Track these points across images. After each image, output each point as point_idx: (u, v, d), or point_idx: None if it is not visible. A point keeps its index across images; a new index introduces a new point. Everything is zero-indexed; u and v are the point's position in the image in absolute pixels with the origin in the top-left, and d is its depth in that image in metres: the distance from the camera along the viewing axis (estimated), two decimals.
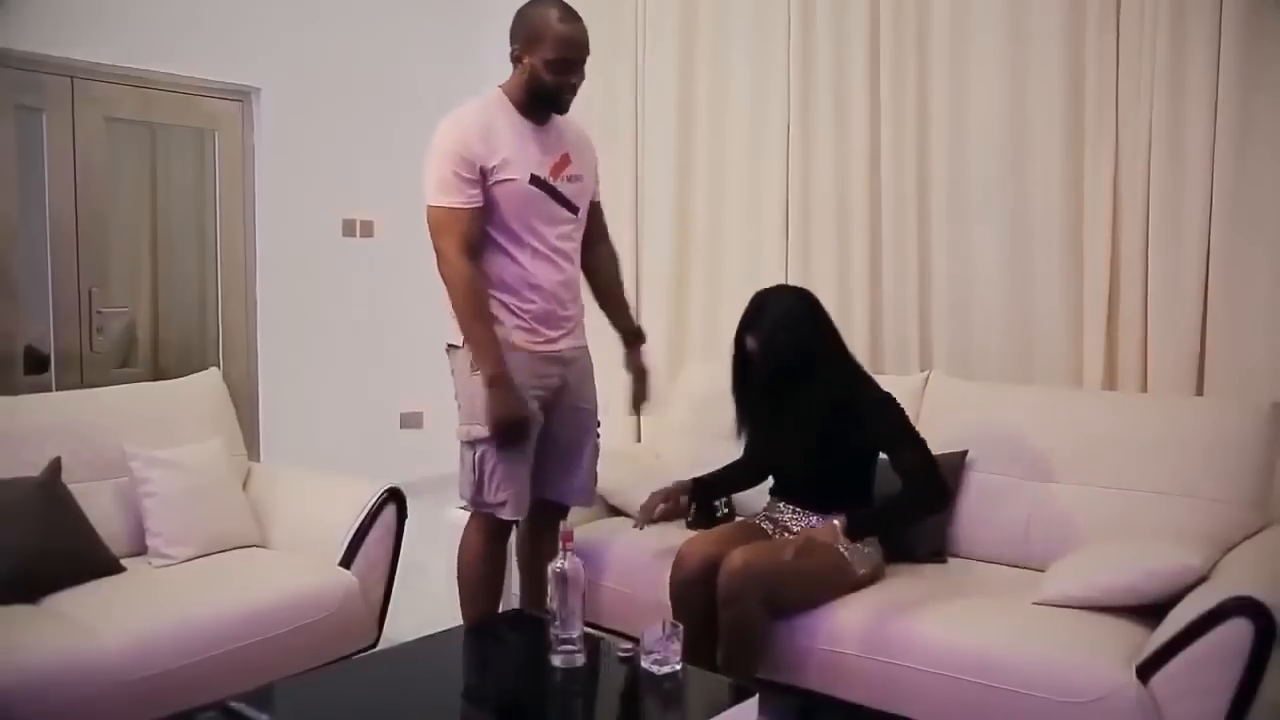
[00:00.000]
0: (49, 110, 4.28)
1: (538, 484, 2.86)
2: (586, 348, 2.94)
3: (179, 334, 4.88)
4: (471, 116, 2.66)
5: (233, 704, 2.05)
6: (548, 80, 2.63)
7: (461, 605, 2.87)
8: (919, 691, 2.44)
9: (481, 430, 2.69)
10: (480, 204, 2.64)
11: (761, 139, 4.23)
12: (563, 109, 2.73)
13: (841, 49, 4.00)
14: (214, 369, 3.55)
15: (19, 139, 4.20)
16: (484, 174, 2.63)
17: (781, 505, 2.87)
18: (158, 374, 4.62)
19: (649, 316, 4.44)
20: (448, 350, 2.81)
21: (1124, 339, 3.41)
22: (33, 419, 2.93)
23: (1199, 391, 3.26)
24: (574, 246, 2.84)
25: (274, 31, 4.89)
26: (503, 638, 2.57)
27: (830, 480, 2.77)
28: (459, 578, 2.87)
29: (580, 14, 2.68)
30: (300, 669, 2.57)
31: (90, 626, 2.43)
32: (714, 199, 4.42)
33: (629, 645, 2.22)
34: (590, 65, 2.71)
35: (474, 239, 2.65)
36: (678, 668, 2.14)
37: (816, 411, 2.72)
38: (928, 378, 3.34)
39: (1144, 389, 3.36)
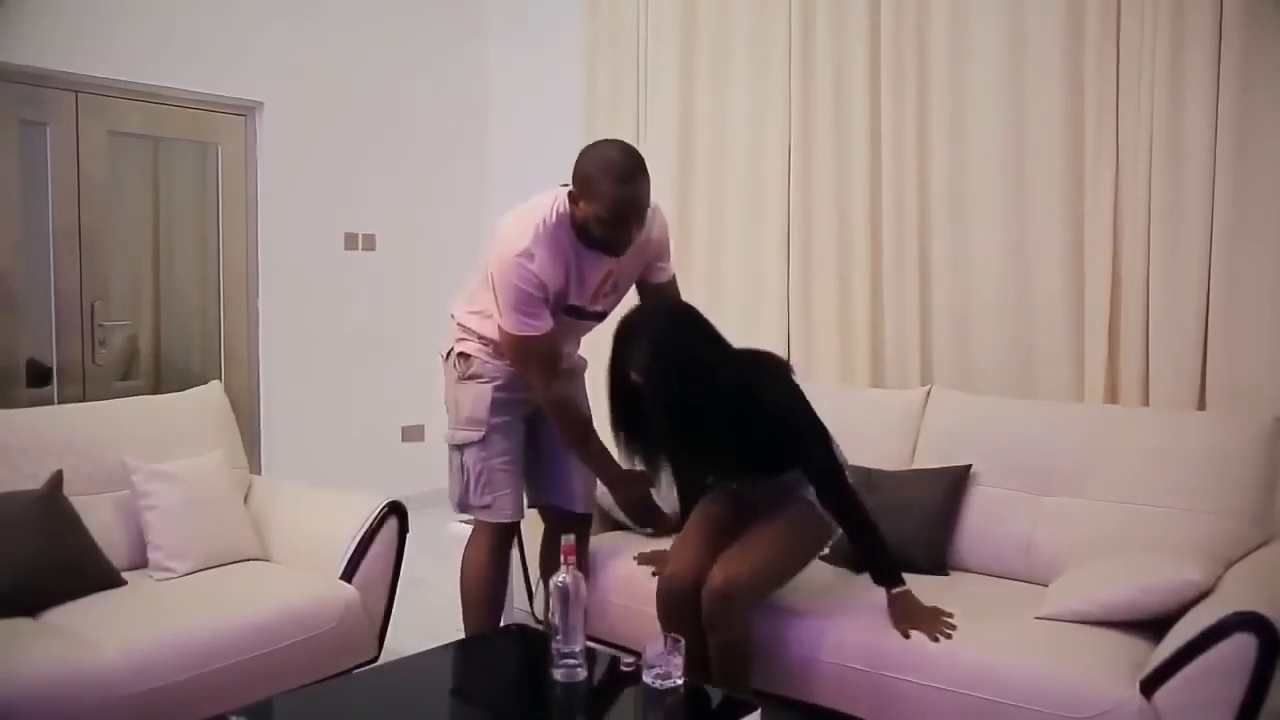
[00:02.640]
0: (52, 124, 4.29)
1: (542, 491, 2.93)
2: (578, 357, 2.95)
3: (181, 347, 4.88)
4: (542, 249, 2.57)
5: (233, 718, 2.04)
6: (599, 235, 2.56)
7: (464, 617, 2.87)
8: (921, 705, 2.43)
9: (466, 434, 2.76)
10: (552, 324, 2.63)
11: (762, 155, 4.25)
12: (620, 254, 2.64)
13: (841, 66, 4.02)
14: (215, 382, 3.55)
15: (22, 152, 4.22)
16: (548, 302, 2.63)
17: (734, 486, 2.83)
18: (159, 387, 4.62)
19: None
20: (443, 358, 2.87)
21: (1125, 353, 3.41)
22: (34, 432, 2.93)
23: (1201, 405, 3.26)
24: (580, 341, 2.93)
25: (276, 46, 4.91)
26: (504, 652, 2.56)
27: (758, 469, 2.69)
28: (461, 590, 2.88)
29: (639, 154, 2.54)
30: (301, 683, 2.57)
31: (90, 640, 2.43)
32: (714, 215, 4.43)
33: (631, 660, 2.21)
34: (592, 80, 2.70)
35: (557, 357, 2.72)
36: (680, 682, 2.13)
37: (725, 428, 2.52)
38: (929, 392, 3.34)
39: (1145, 403, 3.36)
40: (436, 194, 5.55)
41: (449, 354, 2.83)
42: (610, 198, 2.47)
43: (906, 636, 2.48)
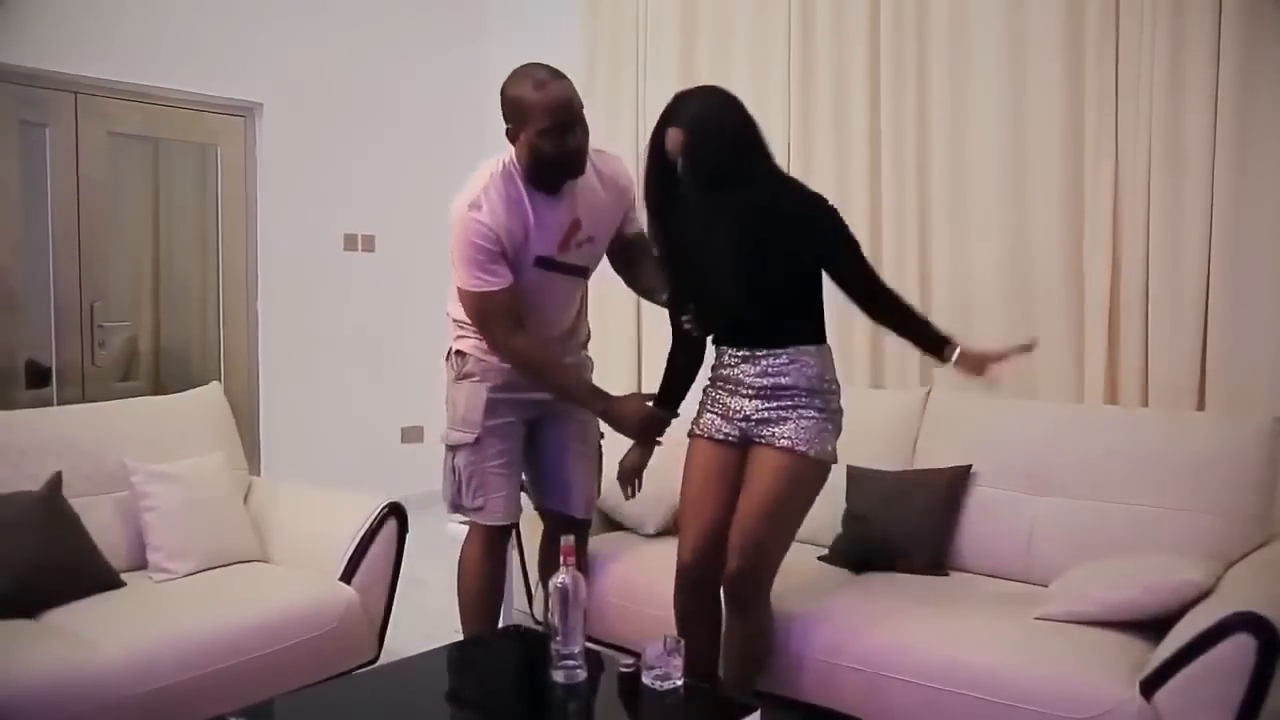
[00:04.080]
0: (52, 125, 4.30)
1: (542, 495, 2.92)
2: (583, 357, 2.93)
3: (180, 348, 4.88)
4: (491, 196, 2.57)
5: (233, 719, 2.04)
6: (549, 151, 2.53)
7: (461, 619, 2.87)
8: (920, 706, 2.43)
9: (459, 436, 2.74)
10: (510, 280, 2.58)
11: None
12: (578, 170, 2.61)
13: (841, 66, 4.02)
14: (215, 383, 3.55)
15: (22, 153, 4.22)
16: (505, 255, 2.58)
17: (728, 355, 2.58)
18: (159, 388, 4.63)
19: (646, 330, 4.45)
20: (443, 359, 2.85)
21: (1125, 353, 3.42)
22: (34, 433, 2.93)
23: (1200, 406, 3.26)
24: (573, 312, 2.85)
25: (276, 47, 4.91)
26: (504, 653, 2.56)
27: (772, 304, 2.49)
28: (458, 591, 2.87)
29: (559, 68, 2.57)
30: (300, 684, 2.57)
31: (90, 641, 2.42)
32: None
33: (630, 661, 2.21)
34: (592, 80, 2.69)
35: (517, 314, 2.61)
36: (679, 683, 2.13)
37: (749, 220, 2.42)
38: (929, 392, 3.34)
39: (1145, 403, 3.36)
40: (436, 195, 5.50)
41: (449, 353, 2.81)
42: (541, 103, 2.49)
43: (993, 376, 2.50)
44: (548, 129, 2.51)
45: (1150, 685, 2.16)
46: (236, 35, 4.77)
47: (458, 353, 2.77)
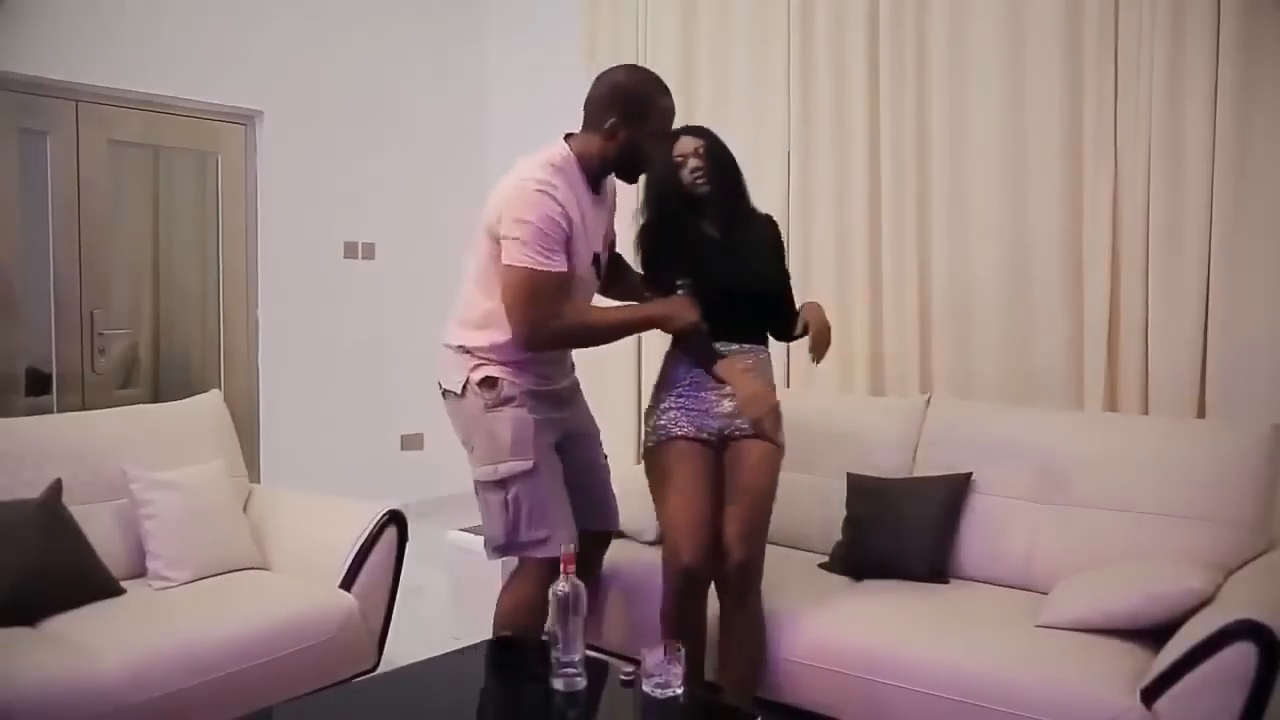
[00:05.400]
0: (52, 133, 4.30)
1: (579, 516, 2.69)
2: (576, 379, 2.88)
3: (180, 355, 4.88)
4: (559, 182, 2.51)
5: None
6: (648, 153, 2.60)
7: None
8: (921, 714, 2.43)
9: (515, 465, 2.54)
10: (566, 267, 2.51)
11: (760, 160, 4.25)
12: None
13: (841, 70, 4.03)
14: (215, 390, 3.55)
15: (22, 161, 4.22)
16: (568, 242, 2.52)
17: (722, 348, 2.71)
18: (159, 395, 4.62)
19: (646, 339, 4.44)
20: (444, 396, 2.68)
21: (1125, 361, 3.42)
22: (33, 440, 2.93)
23: (1200, 413, 3.26)
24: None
25: (276, 55, 4.92)
26: (504, 661, 2.55)
27: (770, 307, 2.84)
28: (498, 624, 2.65)
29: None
30: (300, 692, 2.56)
31: (89, 649, 2.42)
32: None
33: (631, 668, 2.20)
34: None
35: (562, 302, 2.52)
36: (679, 691, 2.12)
37: (765, 232, 2.90)
38: (929, 400, 3.34)
39: (1145, 411, 3.36)
40: (436, 202, 5.56)
41: (464, 386, 2.59)
42: (667, 109, 2.59)
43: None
44: (660, 133, 2.61)
45: (1151, 693, 2.16)
46: (237, 43, 4.78)
47: (485, 381, 2.57)
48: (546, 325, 2.49)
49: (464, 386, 2.59)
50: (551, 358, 2.68)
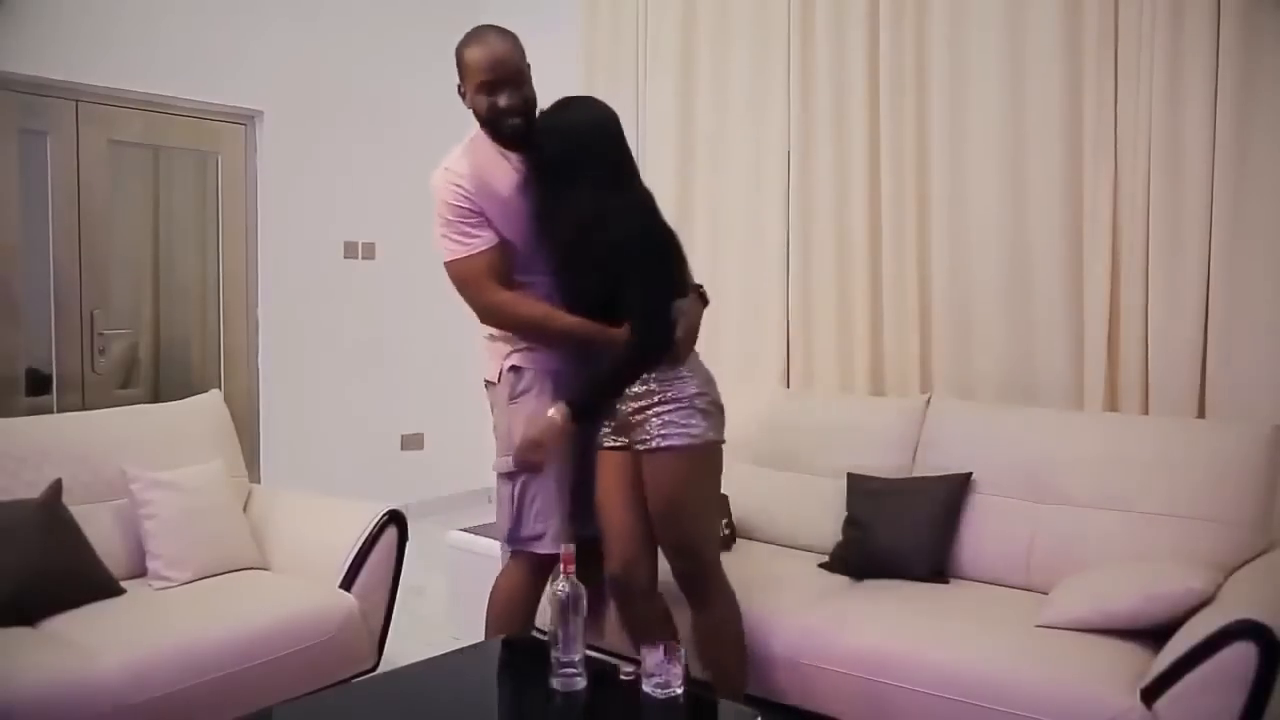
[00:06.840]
0: (52, 133, 4.30)
1: (581, 524, 2.68)
2: None
3: (180, 355, 4.88)
4: (471, 154, 2.59)
5: None
6: (482, 108, 2.57)
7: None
8: (921, 713, 2.43)
9: None
10: (494, 241, 2.53)
11: (761, 165, 4.25)
12: (502, 133, 2.58)
13: (841, 76, 4.02)
14: (215, 391, 3.56)
15: (22, 162, 4.22)
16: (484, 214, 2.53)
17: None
18: (159, 395, 4.62)
19: None
20: (486, 387, 2.70)
21: (1125, 360, 3.41)
22: (33, 440, 2.93)
23: (1200, 413, 3.26)
24: None
25: (276, 55, 4.92)
26: (503, 661, 2.55)
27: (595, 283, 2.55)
28: (490, 614, 2.69)
29: (508, 32, 2.67)
30: (300, 692, 2.56)
31: (89, 649, 2.42)
32: (713, 220, 4.43)
33: (630, 668, 2.20)
34: (591, 80, 2.67)
35: (499, 272, 2.53)
36: (679, 691, 2.12)
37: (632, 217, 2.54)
38: (929, 400, 3.34)
39: (1145, 411, 3.36)
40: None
41: (500, 375, 2.62)
42: (469, 63, 2.58)
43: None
44: (482, 85, 2.57)
45: (1151, 693, 2.16)
46: (237, 43, 4.77)
47: (514, 369, 2.60)
48: (493, 304, 2.54)
49: (500, 375, 2.63)
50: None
